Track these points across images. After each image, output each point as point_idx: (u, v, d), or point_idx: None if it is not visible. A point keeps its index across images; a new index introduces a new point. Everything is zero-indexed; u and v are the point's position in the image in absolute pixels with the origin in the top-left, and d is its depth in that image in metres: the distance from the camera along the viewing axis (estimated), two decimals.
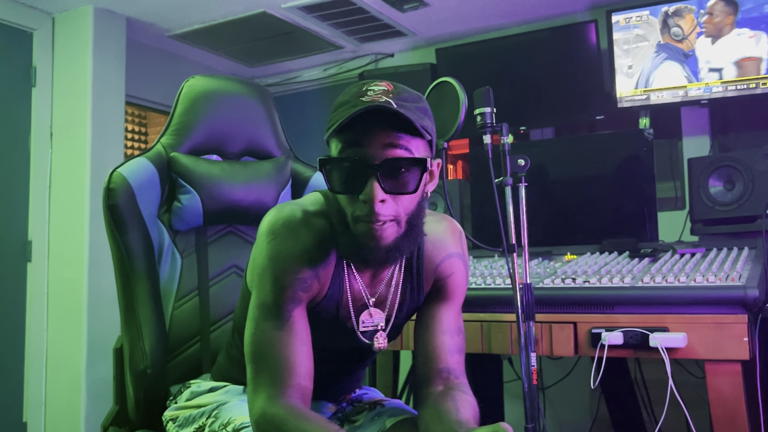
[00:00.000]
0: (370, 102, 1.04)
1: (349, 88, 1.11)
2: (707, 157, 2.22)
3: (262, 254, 1.16)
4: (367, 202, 1.05)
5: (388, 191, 1.06)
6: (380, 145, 1.05)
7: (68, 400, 3.03)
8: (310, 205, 1.19)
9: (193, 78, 1.69)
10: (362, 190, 1.05)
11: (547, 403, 2.98)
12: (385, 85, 1.09)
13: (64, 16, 3.19)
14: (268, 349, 1.12)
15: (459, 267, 1.28)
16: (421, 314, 1.29)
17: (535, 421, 1.59)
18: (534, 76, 3.01)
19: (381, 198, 1.05)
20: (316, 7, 3.13)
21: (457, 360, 1.24)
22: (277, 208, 1.19)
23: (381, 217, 1.05)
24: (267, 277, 1.14)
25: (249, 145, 1.72)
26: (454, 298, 1.28)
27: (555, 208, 2.46)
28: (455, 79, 1.60)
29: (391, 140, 1.06)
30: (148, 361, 1.48)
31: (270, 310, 1.13)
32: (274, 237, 1.15)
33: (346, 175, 1.07)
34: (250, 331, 1.15)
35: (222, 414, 1.25)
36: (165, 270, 1.57)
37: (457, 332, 1.27)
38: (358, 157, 1.06)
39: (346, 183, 1.07)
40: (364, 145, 1.05)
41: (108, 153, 3.14)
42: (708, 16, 2.60)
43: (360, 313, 1.22)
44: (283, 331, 1.12)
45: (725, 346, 1.59)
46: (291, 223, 1.16)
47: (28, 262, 3.11)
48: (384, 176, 1.05)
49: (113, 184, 1.49)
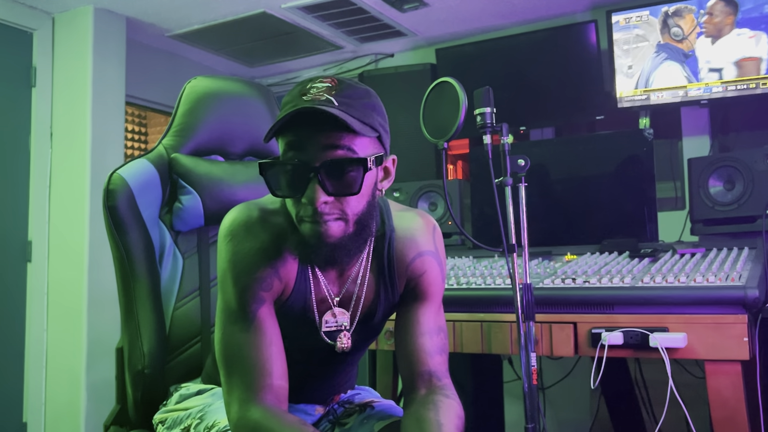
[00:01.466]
0: (310, 102, 1.03)
1: (296, 85, 1.09)
2: (707, 157, 2.22)
3: (222, 257, 1.15)
4: (309, 204, 1.04)
5: (331, 193, 1.04)
6: (320, 146, 1.03)
7: (68, 400, 3.03)
8: (269, 204, 1.18)
9: (195, 79, 1.69)
10: (304, 192, 1.04)
11: (547, 403, 2.98)
12: (329, 81, 1.06)
13: (64, 16, 3.19)
14: (238, 352, 1.11)
15: (431, 265, 1.24)
16: (399, 316, 1.26)
17: (535, 421, 1.59)
18: (534, 76, 3.01)
19: (323, 200, 1.03)
20: (316, 7, 3.13)
21: (439, 361, 1.21)
22: (236, 209, 1.18)
23: (325, 217, 1.05)
24: (228, 279, 1.14)
25: (252, 145, 1.72)
26: (430, 297, 1.25)
27: (555, 208, 2.47)
28: (455, 79, 1.60)
29: (332, 141, 1.04)
30: (146, 362, 1.48)
31: (235, 313, 1.13)
32: (233, 238, 1.14)
33: (289, 178, 1.06)
34: (218, 336, 1.14)
35: (207, 417, 1.25)
36: (166, 270, 1.57)
37: (437, 332, 1.23)
38: (298, 159, 1.04)
39: (288, 186, 1.06)
40: (305, 147, 1.04)
41: (108, 153, 3.14)
42: (708, 16, 2.60)
43: (324, 312, 1.20)
44: (249, 332, 1.11)
45: (725, 346, 1.59)
46: (248, 222, 1.15)
47: (28, 262, 3.11)
48: (326, 177, 1.03)
49: (113, 186, 1.50)
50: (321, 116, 1.01)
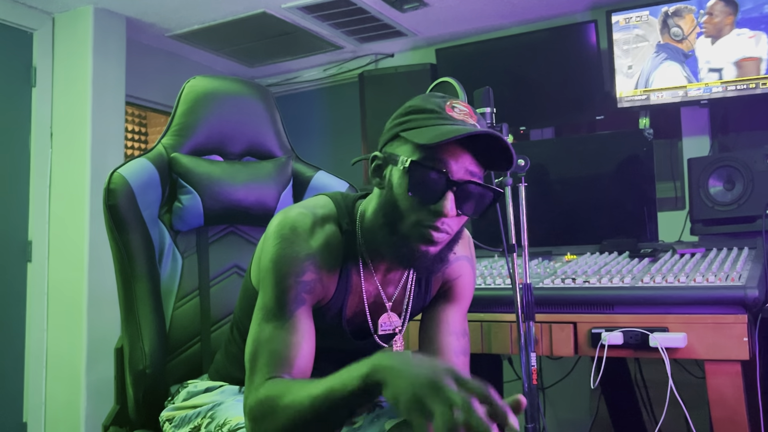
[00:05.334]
0: (462, 122, 1.08)
1: (425, 96, 1.13)
2: (707, 157, 2.22)
3: (268, 257, 1.16)
4: (437, 214, 1.07)
5: (458, 209, 1.09)
6: (463, 167, 1.09)
7: (68, 400, 3.02)
8: (319, 209, 1.19)
9: (194, 78, 1.69)
10: (437, 201, 1.07)
11: (547, 403, 2.98)
12: (464, 105, 1.12)
13: (64, 16, 3.19)
14: (267, 345, 1.11)
15: (467, 269, 1.30)
16: (427, 315, 1.30)
17: (535, 421, 1.59)
18: (534, 76, 3.01)
19: (453, 214, 1.08)
20: (316, 7, 3.13)
21: (462, 361, 1.25)
22: (285, 211, 1.19)
23: (445, 228, 1.09)
24: (270, 280, 1.14)
25: (250, 145, 1.72)
26: (461, 300, 1.30)
27: (555, 208, 2.46)
28: (455, 79, 1.60)
29: (473, 169, 1.10)
30: (147, 361, 1.48)
31: (272, 312, 1.13)
32: (281, 240, 1.15)
33: (428, 182, 1.08)
34: (252, 334, 1.15)
35: (218, 414, 1.25)
36: (166, 270, 1.57)
37: (463, 334, 1.28)
38: (444, 170, 1.08)
39: (425, 190, 1.08)
40: (450, 163, 1.08)
41: (108, 153, 3.14)
42: (708, 16, 2.60)
43: (376, 315, 1.23)
44: (283, 330, 1.12)
45: (725, 346, 1.59)
46: (299, 226, 1.16)
47: (28, 262, 3.10)
48: (463, 196, 1.09)
49: (113, 185, 1.49)
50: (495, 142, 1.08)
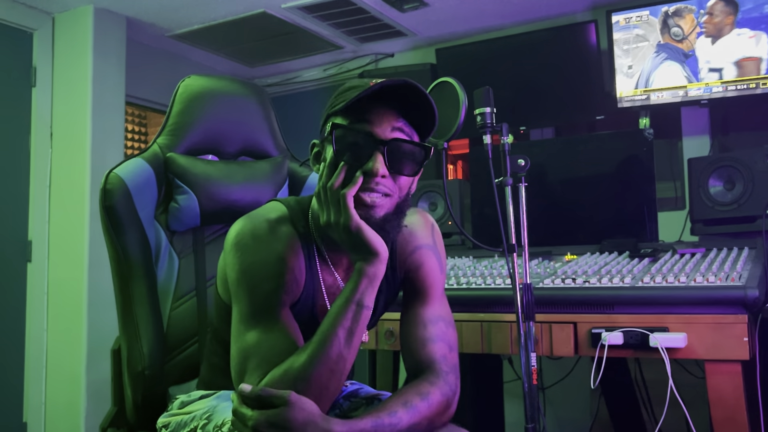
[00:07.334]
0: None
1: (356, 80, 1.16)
2: (707, 157, 2.22)
3: (235, 269, 1.16)
4: (368, 174, 1.08)
5: (390, 169, 1.10)
6: (389, 125, 1.10)
7: (68, 401, 3.02)
8: (271, 213, 1.21)
9: (188, 78, 1.68)
10: (366, 162, 1.09)
11: (547, 403, 2.98)
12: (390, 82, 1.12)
13: (64, 16, 3.19)
14: (255, 350, 1.10)
15: (429, 257, 1.30)
16: (402, 314, 1.30)
17: (535, 421, 1.58)
18: (534, 76, 3.01)
19: (383, 173, 1.09)
20: (316, 7, 3.13)
21: (434, 349, 1.23)
22: (240, 221, 1.20)
23: (380, 188, 1.10)
24: (243, 291, 1.14)
25: (246, 144, 1.72)
26: (429, 289, 1.29)
27: (555, 208, 2.46)
28: (455, 79, 1.60)
29: (399, 125, 1.12)
30: (146, 362, 1.47)
31: (254, 319, 1.13)
32: (245, 250, 1.16)
33: (354, 145, 1.10)
34: (236, 345, 1.13)
35: (216, 416, 1.24)
36: (162, 271, 1.56)
37: (436, 320, 1.26)
38: (368, 130, 1.10)
39: (352, 153, 1.10)
40: (374, 122, 1.10)
41: (108, 153, 3.14)
42: (708, 16, 2.59)
43: None
44: (272, 333, 1.11)
45: (725, 346, 1.59)
46: (258, 233, 1.17)
47: (28, 262, 3.11)
48: (391, 154, 1.10)
49: (110, 185, 1.49)
50: (394, 96, 1.09)
